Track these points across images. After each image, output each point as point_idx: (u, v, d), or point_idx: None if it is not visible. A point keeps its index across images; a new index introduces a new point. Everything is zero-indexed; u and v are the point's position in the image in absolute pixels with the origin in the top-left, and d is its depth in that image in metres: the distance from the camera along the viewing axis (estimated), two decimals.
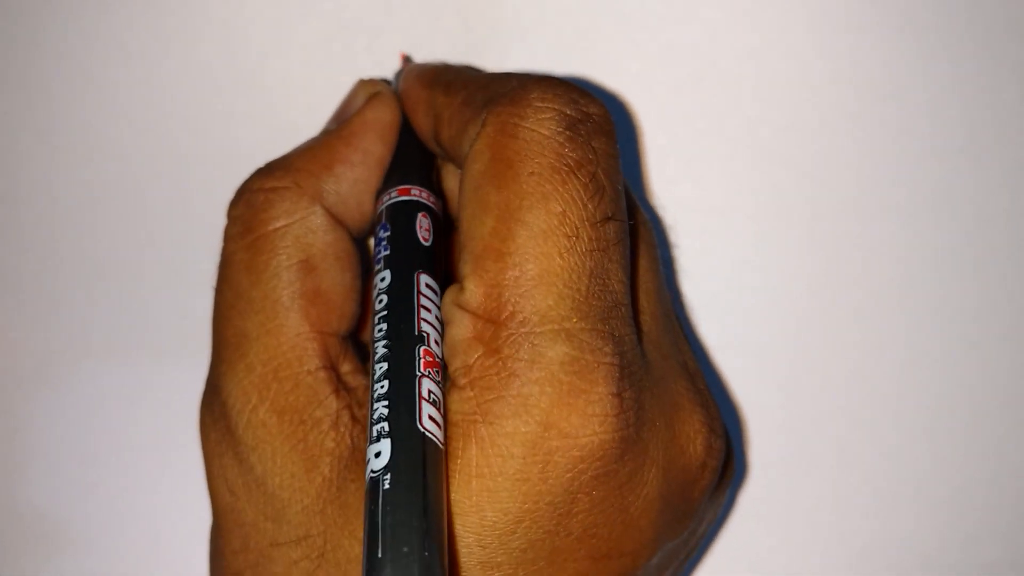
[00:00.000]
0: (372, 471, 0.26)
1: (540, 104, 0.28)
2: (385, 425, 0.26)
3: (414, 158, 0.33)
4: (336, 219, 0.31)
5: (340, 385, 0.30)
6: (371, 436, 0.26)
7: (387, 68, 0.39)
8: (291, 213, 0.31)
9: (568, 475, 0.26)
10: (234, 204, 0.32)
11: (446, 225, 0.33)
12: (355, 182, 0.32)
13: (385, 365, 0.27)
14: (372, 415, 0.27)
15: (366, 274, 0.33)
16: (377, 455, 0.26)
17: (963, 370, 0.41)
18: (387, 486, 0.25)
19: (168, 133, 0.40)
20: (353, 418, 0.29)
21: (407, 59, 0.38)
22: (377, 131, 0.33)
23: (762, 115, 0.40)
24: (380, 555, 0.24)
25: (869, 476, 0.41)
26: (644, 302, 0.31)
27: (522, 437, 0.26)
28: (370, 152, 0.32)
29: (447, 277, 0.31)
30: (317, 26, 0.39)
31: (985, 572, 0.41)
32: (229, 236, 0.31)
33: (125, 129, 0.40)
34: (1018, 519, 0.41)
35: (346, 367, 0.31)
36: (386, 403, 0.27)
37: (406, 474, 0.25)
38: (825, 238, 0.40)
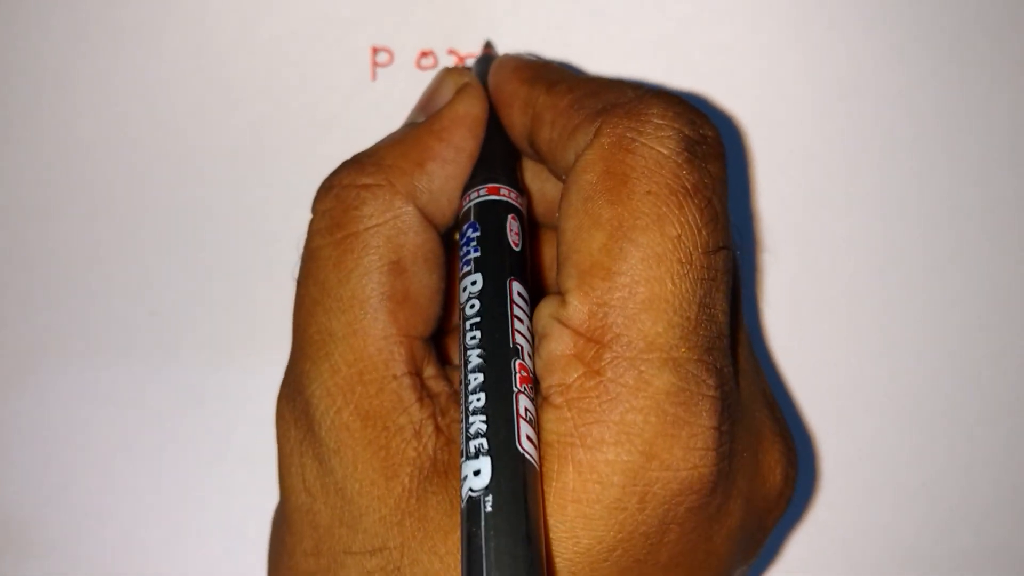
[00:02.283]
0: (472, 490, 0.25)
1: (660, 121, 0.27)
2: (484, 442, 0.25)
3: (501, 155, 0.32)
4: (426, 218, 0.30)
5: (424, 392, 0.29)
6: (467, 451, 0.25)
7: (359, 60, 0.38)
8: (383, 212, 0.29)
9: (664, 506, 0.26)
10: (321, 198, 0.30)
11: (532, 229, 0.32)
12: (446, 179, 0.31)
13: (481, 376, 0.26)
14: (467, 428, 0.26)
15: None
16: (476, 473, 0.25)
17: None
18: (489, 508, 0.24)
19: (140, 131, 0.39)
20: (436, 428, 0.28)
21: (489, 46, 0.37)
22: (468, 125, 0.31)
23: (742, 110, 0.39)
24: None
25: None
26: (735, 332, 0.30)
27: (623, 466, 0.25)
28: (461, 148, 0.31)
29: (534, 285, 0.30)
30: (288, 19, 0.38)
31: None
32: (317, 231, 0.30)
33: (97, 128, 0.39)
34: None
35: (429, 371, 0.30)
36: (483, 418, 0.26)
37: (508, 497, 0.24)
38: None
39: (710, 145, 0.27)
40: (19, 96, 0.39)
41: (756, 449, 0.29)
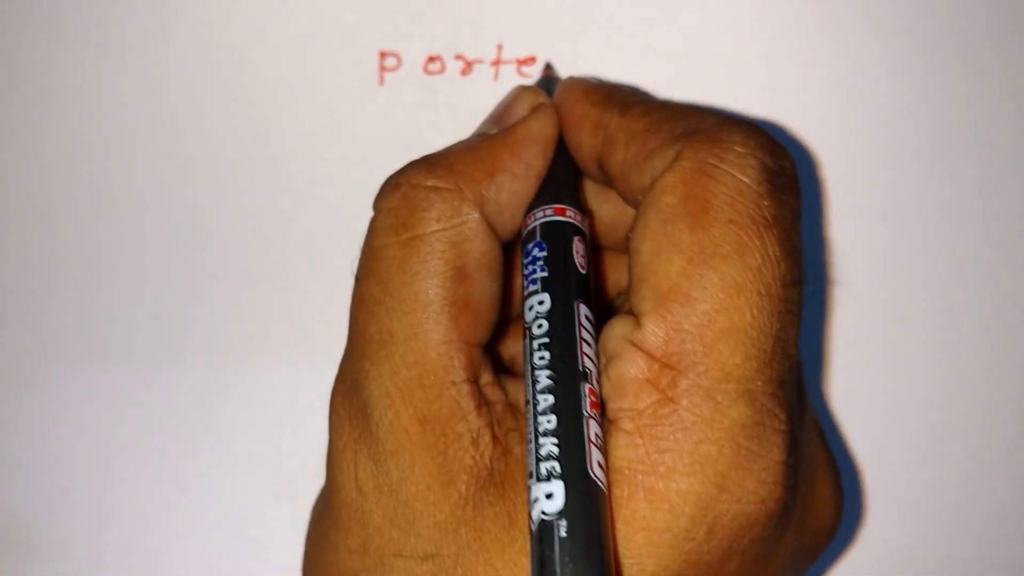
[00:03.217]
0: (545, 513, 0.25)
1: (742, 149, 0.27)
2: (556, 465, 0.26)
3: (566, 176, 0.32)
4: (491, 228, 0.30)
5: (482, 400, 0.29)
6: (538, 473, 0.26)
7: (366, 65, 0.38)
8: (451, 216, 0.29)
9: (730, 538, 0.26)
10: (387, 196, 0.30)
11: (595, 251, 0.32)
12: (514, 193, 0.31)
13: (551, 398, 0.27)
14: (537, 449, 0.26)
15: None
16: (549, 496, 0.25)
17: None
18: (563, 534, 0.25)
19: (144, 134, 0.38)
20: (493, 437, 0.28)
21: (550, 68, 0.37)
22: (540, 144, 0.31)
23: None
24: None
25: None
26: None
27: (696, 496, 0.26)
28: (531, 165, 0.31)
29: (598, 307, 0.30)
30: (295, 23, 0.38)
31: None
32: (381, 228, 0.30)
33: (100, 130, 0.38)
34: None
35: (485, 379, 0.30)
36: (555, 441, 0.26)
37: (582, 523, 0.25)
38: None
39: (788, 177, 0.28)
40: (23, 98, 0.38)
41: (812, 482, 0.30)
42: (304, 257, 0.40)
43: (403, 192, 0.30)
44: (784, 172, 0.28)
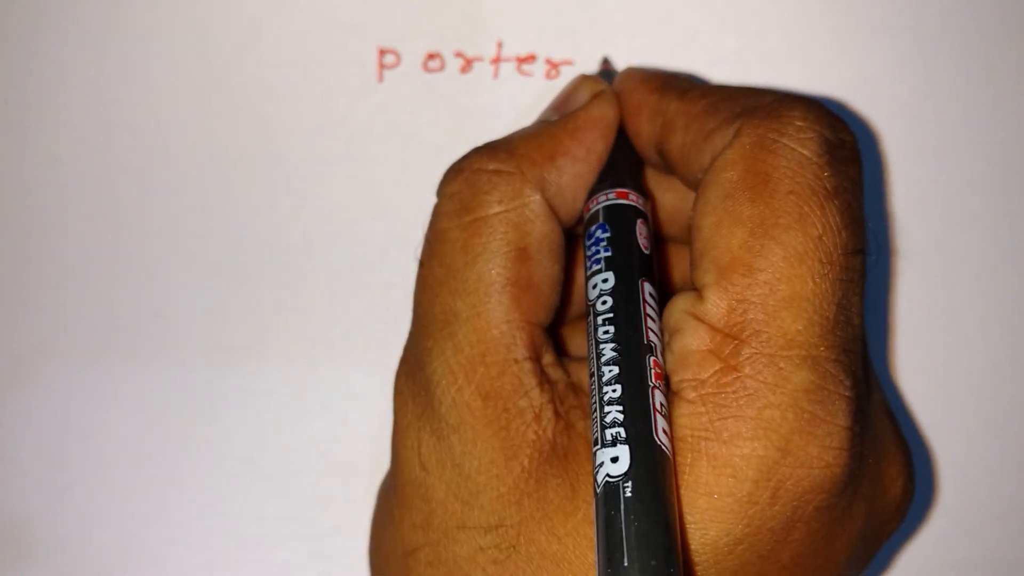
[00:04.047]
0: (610, 476, 0.26)
1: (801, 123, 0.28)
2: (621, 431, 0.26)
3: (627, 162, 0.33)
4: (552, 210, 0.31)
5: (544, 378, 0.29)
6: (603, 439, 0.26)
7: (365, 62, 0.38)
8: (513, 198, 0.30)
9: (794, 503, 0.27)
10: (450, 181, 0.31)
11: (659, 241, 0.33)
12: (575, 177, 0.31)
13: (616, 369, 0.27)
14: (602, 417, 0.27)
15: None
16: (614, 460, 0.26)
17: None
18: (629, 494, 0.25)
19: (141, 132, 0.39)
20: (555, 413, 0.29)
21: (607, 61, 0.38)
22: (601, 129, 0.32)
23: None
24: (626, 564, 0.24)
25: None
26: None
27: (759, 460, 0.26)
28: (592, 150, 0.32)
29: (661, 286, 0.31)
30: (294, 20, 0.38)
31: None
32: (444, 213, 0.30)
33: (97, 129, 0.39)
34: None
35: (546, 359, 0.30)
36: (620, 408, 0.27)
37: (647, 485, 0.25)
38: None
39: (848, 149, 0.28)
40: (24, 97, 0.38)
41: (880, 457, 0.29)
42: (303, 255, 0.40)
43: (465, 176, 0.30)
44: (844, 144, 0.28)
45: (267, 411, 0.41)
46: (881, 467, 0.30)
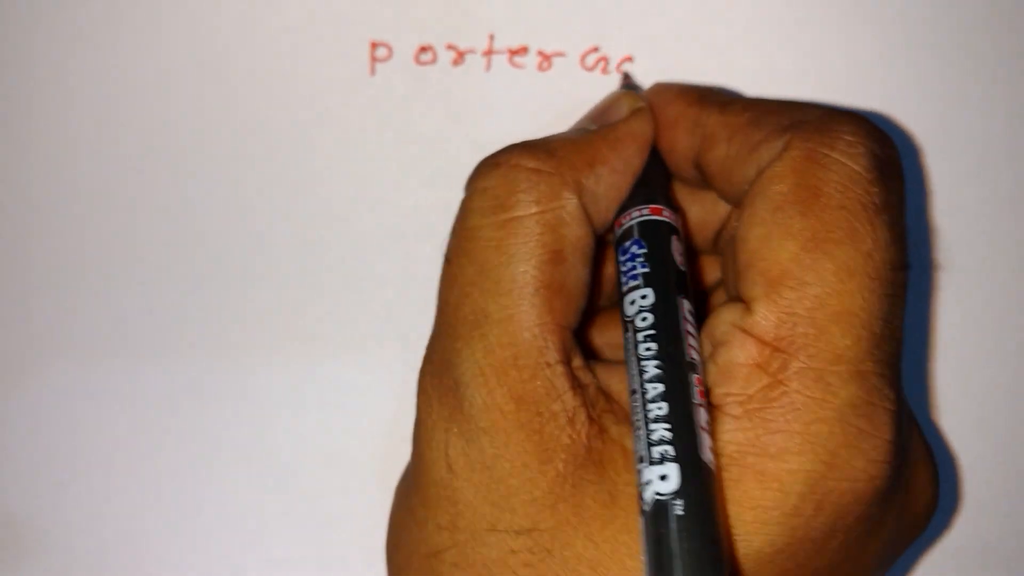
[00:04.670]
0: (659, 493, 0.26)
1: (851, 138, 0.28)
2: (669, 449, 0.27)
3: (659, 177, 0.33)
4: (587, 215, 0.31)
5: (575, 382, 0.30)
6: (650, 456, 0.27)
7: (357, 55, 0.38)
8: (550, 199, 0.30)
9: (836, 514, 0.27)
10: (485, 175, 0.30)
11: (692, 252, 0.33)
12: (611, 187, 0.31)
13: (661, 387, 0.28)
14: (648, 435, 0.27)
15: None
16: (663, 478, 0.26)
17: None
18: (679, 512, 0.26)
19: (134, 128, 0.38)
20: (589, 417, 0.29)
21: (628, 77, 0.38)
22: (639, 144, 0.32)
23: None
24: None
25: None
26: None
27: (805, 475, 0.27)
28: (630, 163, 0.32)
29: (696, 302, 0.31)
30: (286, 13, 0.38)
31: None
32: (477, 209, 0.30)
33: (96, 126, 0.38)
34: None
35: (576, 362, 0.30)
36: (667, 426, 0.27)
37: (697, 502, 0.26)
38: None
39: (894, 164, 0.29)
40: (16, 94, 0.38)
41: (911, 466, 0.31)
42: (296, 249, 0.39)
43: (502, 172, 0.30)
44: (890, 160, 0.29)
45: (265, 406, 0.40)
46: (911, 475, 0.31)
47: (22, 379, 0.39)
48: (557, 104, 0.38)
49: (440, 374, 0.30)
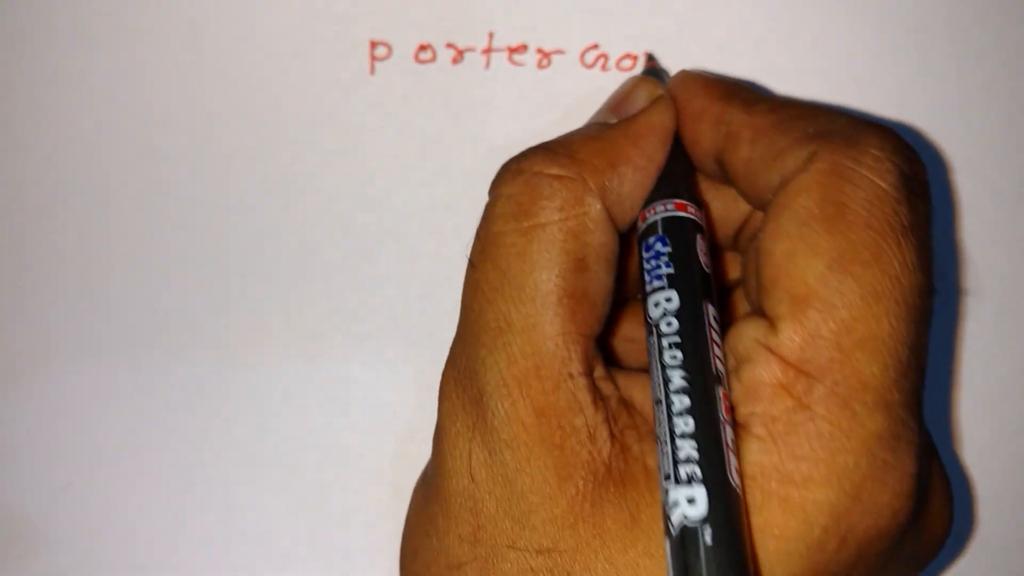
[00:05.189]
0: (687, 518, 0.25)
1: (879, 153, 0.27)
2: (696, 469, 0.25)
3: (681, 171, 0.31)
4: (611, 219, 0.30)
5: (598, 395, 0.29)
6: (677, 476, 0.25)
7: (357, 54, 0.38)
8: (574, 206, 0.29)
9: (859, 549, 0.26)
10: (508, 181, 0.29)
11: (713, 249, 0.32)
12: (636, 185, 0.30)
13: (687, 400, 0.26)
14: (675, 451, 0.26)
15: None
16: (690, 501, 0.25)
17: None
18: (709, 541, 0.24)
19: (135, 128, 0.38)
20: (611, 434, 0.28)
21: (652, 59, 0.36)
22: (661, 136, 0.31)
23: None
24: None
25: None
26: None
27: (831, 507, 0.26)
28: (653, 158, 0.30)
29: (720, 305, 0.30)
30: (286, 12, 0.37)
31: None
32: (501, 215, 0.29)
33: (96, 125, 0.38)
34: None
35: (598, 372, 0.29)
36: (695, 444, 0.26)
37: (727, 530, 0.25)
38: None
39: (921, 183, 0.28)
40: (20, 96, 0.37)
41: (929, 492, 0.30)
42: (298, 248, 0.39)
43: (525, 179, 0.29)
44: (917, 178, 0.28)
45: (265, 404, 0.40)
46: (928, 504, 0.30)
47: (25, 379, 0.39)
48: (557, 101, 0.38)
49: (464, 382, 0.29)
